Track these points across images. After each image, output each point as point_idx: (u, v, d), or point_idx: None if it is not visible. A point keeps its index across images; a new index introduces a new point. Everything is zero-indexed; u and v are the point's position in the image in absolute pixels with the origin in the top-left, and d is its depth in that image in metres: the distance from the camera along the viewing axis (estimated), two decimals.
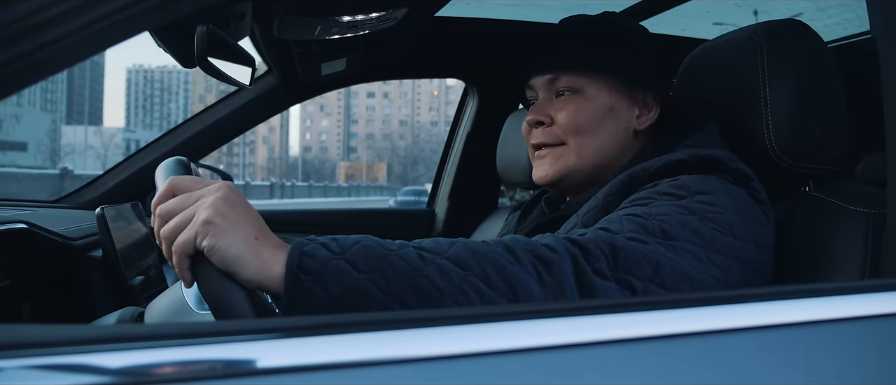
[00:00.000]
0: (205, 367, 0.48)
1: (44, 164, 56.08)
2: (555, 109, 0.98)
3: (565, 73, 0.98)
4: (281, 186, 38.86)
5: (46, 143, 63.53)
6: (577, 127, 0.96)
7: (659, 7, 1.71)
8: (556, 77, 0.99)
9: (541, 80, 1.01)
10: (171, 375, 0.47)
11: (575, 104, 0.97)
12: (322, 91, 2.07)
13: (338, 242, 0.64)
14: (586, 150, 0.97)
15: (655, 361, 0.56)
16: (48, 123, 69.25)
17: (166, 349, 0.48)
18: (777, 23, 0.94)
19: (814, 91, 0.91)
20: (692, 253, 0.72)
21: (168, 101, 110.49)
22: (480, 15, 1.88)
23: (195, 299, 0.89)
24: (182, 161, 0.75)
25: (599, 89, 0.97)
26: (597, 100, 0.97)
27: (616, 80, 0.98)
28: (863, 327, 0.63)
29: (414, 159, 74.82)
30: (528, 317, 0.56)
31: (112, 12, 0.51)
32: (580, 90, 0.97)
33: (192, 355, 0.48)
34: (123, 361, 0.47)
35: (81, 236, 1.33)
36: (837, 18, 1.97)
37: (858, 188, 0.90)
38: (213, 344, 0.49)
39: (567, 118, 0.97)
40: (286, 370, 0.49)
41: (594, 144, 0.97)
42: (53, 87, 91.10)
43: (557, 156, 0.98)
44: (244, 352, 0.49)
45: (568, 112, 0.97)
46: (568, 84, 0.98)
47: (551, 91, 1.00)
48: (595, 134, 0.97)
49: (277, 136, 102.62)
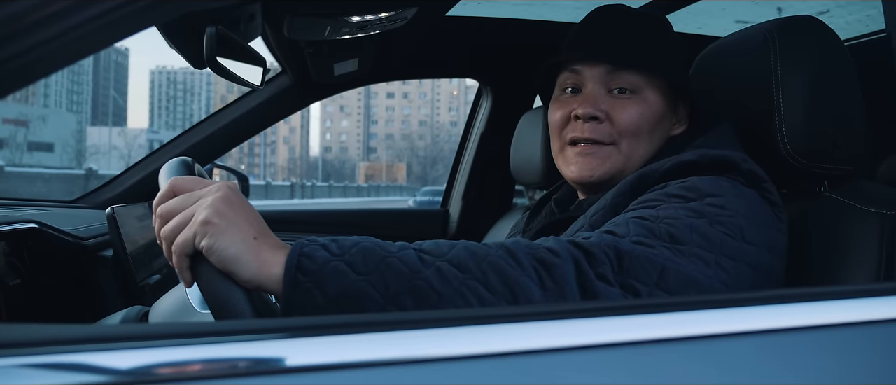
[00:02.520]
0: (204, 367, 0.48)
1: (70, 165, 57.07)
2: (612, 107, 0.92)
3: (629, 69, 0.93)
4: (301, 186, 39.14)
5: (72, 144, 64.64)
6: (635, 129, 0.92)
7: (674, 5, 1.69)
8: (616, 70, 0.93)
9: (596, 71, 0.94)
10: (169, 375, 0.48)
11: (637, 105, 0.92)
12: (336, 91, 2.07)
13: (337, 244, 0.64)
14: (636, 155, 0.93)
15: (654, 365, 0.55)
16: (74, 124, 70.44)
17: (164, 349, 0.48)
18: (790, 20, 0.92)
19: (828, 89, 0.88)
20: (700, 257, 0.70)
21: (190, 102, 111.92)
22: (493, 14, 1.87)
23: (198, 299, 0.89)
24: (186, 161, 0.75)
25: (655, 93, 0.93)
26: (654, 104, 0.93)
27: (667, 85, 0.94)
28: (875, 332, 0.61)
29: (433, 159, 74.90)
30: (525, 319, 0.55)
31: (109, 11, 0.51)
32: (639, 91, 0.93)
33: (191, 356, 0.49)
34: (122, 361, 0.47)
35: (92, 236, 1.35)
36: (858, 15, 1.93)
37: (875, 189, 0.88)
38: (211, 344, 0.49)
39: (629, 120, 0.92)
40: (284, 371, 0.49)
41: (644, 150, 0.93)
42: (79, 89, 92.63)
43: (606, 155, 0.93)
44: (242, 352, 0.49)
45: (630, 114, 0.92)
46: (629, 82, 0.93)
47: (605, 85, 0.94)
48: (647, 140, 0.93)
49: (298, 137, 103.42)
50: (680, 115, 0.98)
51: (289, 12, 1.24)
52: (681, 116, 0.98)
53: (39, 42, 0.49)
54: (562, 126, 0.96)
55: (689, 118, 0.99)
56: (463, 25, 1.87)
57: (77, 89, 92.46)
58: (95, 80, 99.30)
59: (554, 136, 0.98)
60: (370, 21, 1.27)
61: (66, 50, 0.51)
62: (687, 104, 0.98)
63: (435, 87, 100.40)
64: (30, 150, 56.25)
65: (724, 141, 0.89)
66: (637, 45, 0.94)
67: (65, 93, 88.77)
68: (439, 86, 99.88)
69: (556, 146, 0.98)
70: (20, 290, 1.16)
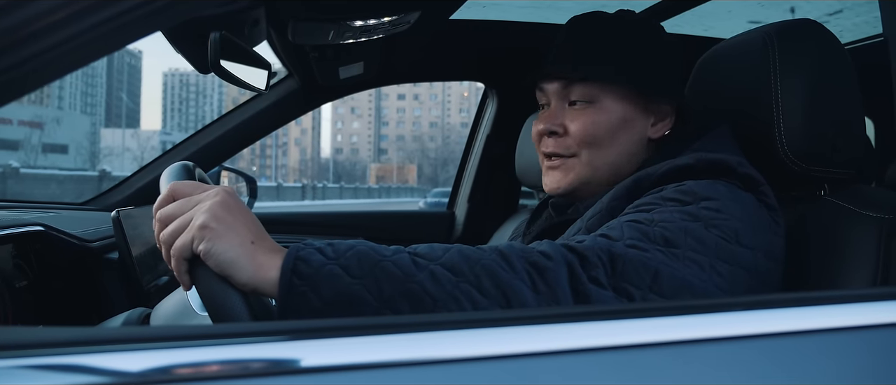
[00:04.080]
0: (203, 366, 0.49)
1: (83, 166, 57.57)
2: (568, 119, 0.95)
3: (579, 82, 0.94)
4: (312, 188, 39.28)
5: (86, 146, 65.21)
6: (590, 139, 0.93)
7: (681, 6, 1.68)
8: (568, 85, 0.95)
9: (552, 87, 0.97)
10: (167, 377, 0.48)
11: (589, 116, 0.93)
12: (343, 94, 2.08)
13: (333, 247, 0.64)
14: (599, 163, 0.94)
15: (647, 369, 0.55)
16: (88, 126, 71.08)
17: (161, 351, 0.49)
18: (790, 23, 0.92)
19: (827, 93, 0.88)
20: (694, 261, 0.70)
21: (202, 104, 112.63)
22: (497, 17, 1.87)
23: (198, 302, 0.90)
24: (187, 166, 0.76)
25: (614, 100, 0.93)
26: (612, 111, 0.93)
27: (632, 90, 0.94)
28: (871, 336, 0.61)
29: (444, 161, 74.95)
30: (517, 323, 0.56)
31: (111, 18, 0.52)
32: (594, 100, 0.94)
33: (191, 357, 0.49)
34: (120, 363, 0.48)
35: (98, 238, 1.36)
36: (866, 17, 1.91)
37: (876, 193, 0.87)
38: (207, 347, 0.50)
39: (580, 130, 0.93)
40: (280, 373, 0.50)
41: (607, 157, 0.94)
42: (93, 91, 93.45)
43: (569, 167, 0.95)
44: (238, 354, 0.50)
45: (581, 124, 0.93)
46: (582, 94, 0.94)
47: (564, 99, 0.96)
48: (609, 146, 0.94)
49: (309, 139, 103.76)
50: (662, 113, 0.97)
51: (292, 17, 1.25)
52: (662, 115, 0.97)
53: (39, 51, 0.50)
54: (538, 142, 1.00)
55: (677, 115, 0.98)
56: (468, 29, 1.87)
57: (91, 92, 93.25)
58: (109, 82, 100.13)
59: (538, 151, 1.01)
60: (373, 25, 1.28)
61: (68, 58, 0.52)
62: (670, 102, 0.97)
63: (446, 88, 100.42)
64: (44, 151, 56.81)
65: (721, 144, 0.88)
66: (590, 55, 0.94)
67: (79, 95, 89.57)
68: (450, 87, 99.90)
69: (540, 160, 1.01)
70: (27, 293, 1.18)
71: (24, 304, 1.14)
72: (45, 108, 66.19)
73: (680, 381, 0.55)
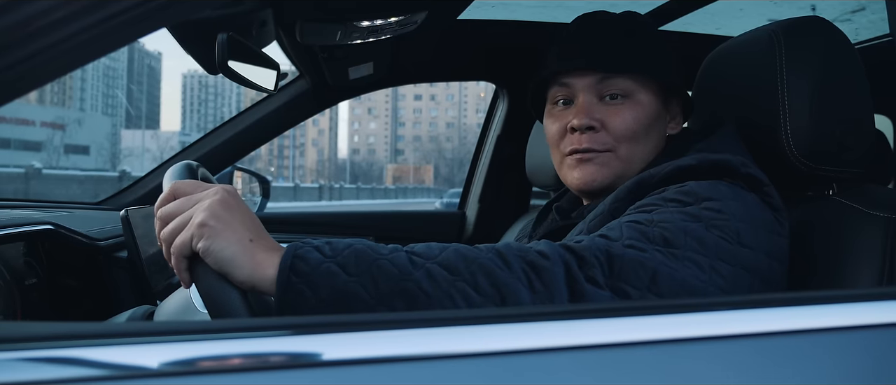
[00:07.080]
0: (199, 363, 0.50)
1: (104, 167, 58.35)
2: (606, 114, 0.92)
3: (619, 75, 0.92)
4: (329, 188, 39.51)
5: (107, 147, 66.09)
6: (631, 134, 0.92)
7: (688, 7, 1.67)
8: (606, 78, 0.93)
9: (586, 80, 0.93)
10: (167, 371, 0.49)
11: (629, 110, 0.92)
12: (354, 94, 2.10)
13: (331, 246, 0.65)
14: (636, 158, 0.93)
15: (645, 367, 0.55)
16: (109, 127, 72.04)
17: (162, 346, 0.50)
18: (797, 20, 0.91)
19: (834, 91, 0.87)
20: (694, 262, 0.70)
21: (221, 105, 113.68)
22: (507, 17, 1.86)
23: (200, 299, 0.90)
24: (189, 166, 0.77)
25: (648, 94, 0.93)
26: (647, 106, 0.93)
27: (660, 86, 0.94)
28: (876, 336, 0.61)
29: (460, 161, 75.03)
30: (512, 320, 0.56)
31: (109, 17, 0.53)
32: (631, 95, 0.93)
33: (190, 354, 0.50)
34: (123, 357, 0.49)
35: (108, 237, 1.38)
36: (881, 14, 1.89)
37: (882, 192, 0.86)
38: (206, 341, 0.51)
39: (623, 125, 0.91)
40: (277, 367, 0.50)
41: (643, 152, 0.94)
42: (114, 93, 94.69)
43: (605, 162, 0.93)
44: (237, 348, 0.51)
45: (624, 119, 0.92)
46: (621, 87, 0.93)
47: (597, 93, 0.93)
48: (645, 141, 0.93)
49: (326, 139, 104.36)
50: (674, 111, 0.98)
51: (300, 17, 1.26)
52: (675, 113, 0.98)
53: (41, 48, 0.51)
54: (559, 139, 0.96)
55: (682, 113, 0.99)
56: (477, 28, 1.87)
57: (112, 93, 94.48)
58: (129, 83, 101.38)
59: (553, 149, 0.98)
60: (380, 26, 1.28)
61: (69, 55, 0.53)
62: (680, 99, 0.98)
63: (462, 89, 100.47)
64: (66, 152, 57.69)
65: (726, 144, 0.88)
66: (624, 49, 0.93)
67: (100, 97, 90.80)
68: (466, 88, 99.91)
69: (557, 158, 0.98)
70: (37, 290, 1.20)
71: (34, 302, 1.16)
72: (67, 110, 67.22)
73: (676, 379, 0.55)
